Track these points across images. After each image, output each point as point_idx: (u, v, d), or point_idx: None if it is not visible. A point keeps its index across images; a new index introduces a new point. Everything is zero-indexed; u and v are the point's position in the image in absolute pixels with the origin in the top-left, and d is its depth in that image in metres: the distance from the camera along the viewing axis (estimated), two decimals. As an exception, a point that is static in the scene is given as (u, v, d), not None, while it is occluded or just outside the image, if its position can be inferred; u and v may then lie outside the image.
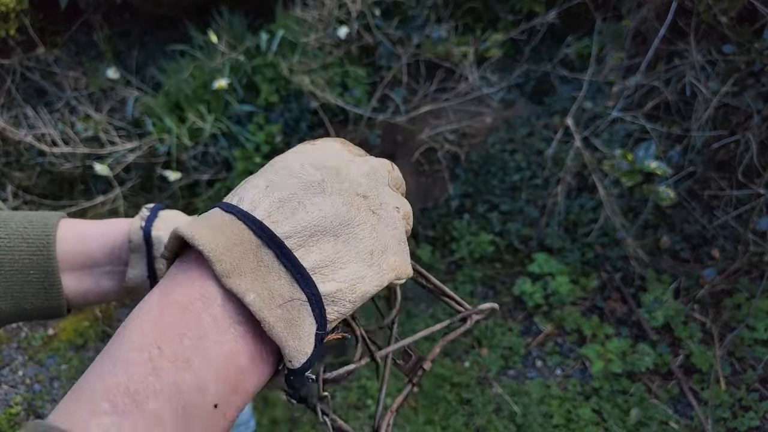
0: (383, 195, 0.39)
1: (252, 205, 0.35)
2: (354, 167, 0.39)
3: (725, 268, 1.88)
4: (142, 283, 0.49)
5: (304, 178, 0.36)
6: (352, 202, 0.36)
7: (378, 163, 0.41)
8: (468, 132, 2.43)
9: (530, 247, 2.14)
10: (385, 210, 0.38)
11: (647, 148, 1.80)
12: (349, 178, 0.38)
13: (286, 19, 2.46)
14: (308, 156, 0.38)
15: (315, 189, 0.36)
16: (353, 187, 0.37)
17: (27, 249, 0.46)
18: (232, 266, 0.32)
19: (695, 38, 1.93)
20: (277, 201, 0.35)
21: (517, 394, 1.78)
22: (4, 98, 2.54)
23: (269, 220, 0.34)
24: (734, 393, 1.74)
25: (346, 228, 0.36)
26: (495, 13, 2.56)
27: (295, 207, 0.35)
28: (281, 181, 0.36)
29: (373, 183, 0.39)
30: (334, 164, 0.38)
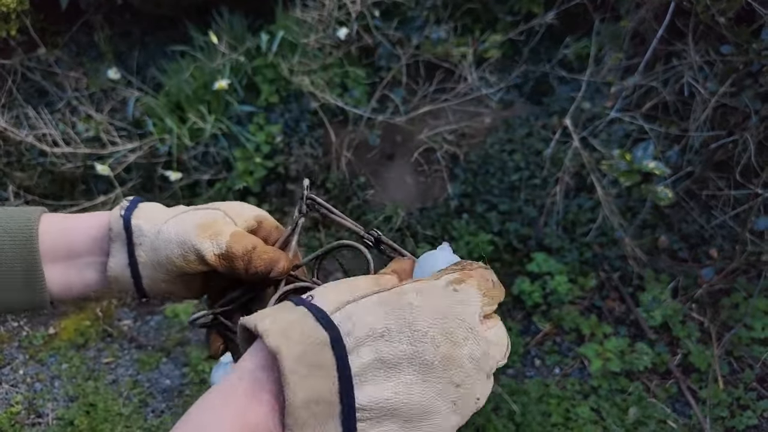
0: (475, 386, 0.37)
1: (356, 348, 0.35)
2: (470, 348, 0.37)
3: (723, 267, 1.89)
4: (123, 271, 0.48)
5: (419, 350, 0.35)
6: (443, 393, 0.36)
7: (495, 347, 0.39)
8: (467, 132, 2.44)
9: (529, 247, 2.15)
10: (465, 401, 0.37)
11: (645, 148, 1.80)
12: (458, 363, 0.36)
13: (286, 20, 2.47)
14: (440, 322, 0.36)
15: (421, 368, 0.35)
16: (454, 376, 0.36)
17: (10, 243, 0.46)
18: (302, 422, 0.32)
19: (693, 39, 1.94)
20: (379, 361, 0.34)
21: (516, 393, 1.79)
22: (5, 98, 2.55)
23: (359, 379, 0.34)
24: (732, 392, 1.75)
25: (420, 417, 0.35)
26: (494, 14, 2.57)
27: (390, 376, 0.34)
28: (397, 338, 0.35)
29: (475, 372, 0.37)
30: (455, 338, 0.36)
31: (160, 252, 0.47)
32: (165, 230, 0.48)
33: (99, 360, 1.97)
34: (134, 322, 2.10)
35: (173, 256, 0.47)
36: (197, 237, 0.47)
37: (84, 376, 1.91)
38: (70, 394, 1.86)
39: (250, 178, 2.28)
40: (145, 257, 0.48)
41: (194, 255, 0.46)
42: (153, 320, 2.10)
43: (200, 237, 0.47)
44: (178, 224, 0.48)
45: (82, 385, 1.88)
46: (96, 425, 1.75)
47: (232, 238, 0.47)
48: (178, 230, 0.47)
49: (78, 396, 1.85)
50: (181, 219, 0.48)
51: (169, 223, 0.48)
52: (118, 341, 2.03)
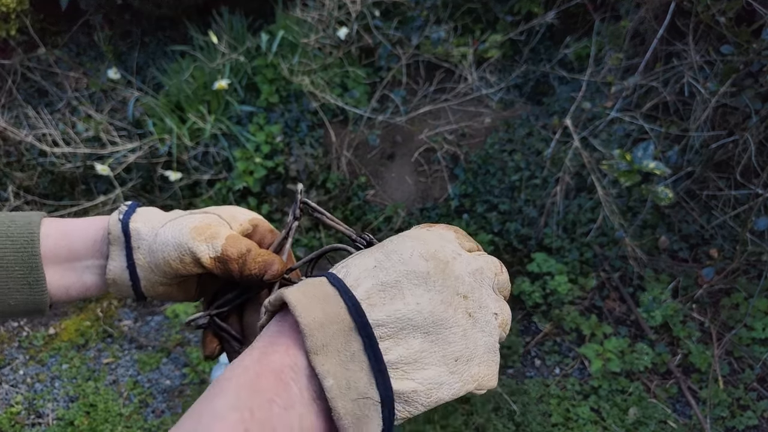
0: (484, 297, 0.39)
1: (356, 281, 0.37)
2: (462, 263, 0.39)
3: (723, 267, 1.89)
4: (122, 274, 0.49)
5: (411, 266, 0.37)
6: (451, 301, 0.37)
7: (486, 263, 0.41)
8: (467, 132, 2.44)
9: (529, 247, 2.15)
10: (482, 314, 0.38)
11: (646, 148, 1.80)
12: (455, 274, 0.38)
13: (286, 20, 2.47)
14: (420, 244, 0.39)
15: (419, 280, 0.37)
16: (456, 285, 0.38)
17: (11, 246, 0.47)
18: (321, 343, 0.34)
19: (694, 39, 1.94)
20: (379, 284, 0.36)
21: (516, 393, 1.79)
22: (5, 99, 2.55)
23: (367, 302, 0.36)
24: (732, 392, 1.75)
25: (438, 327, 0.36)
26: (494, 14, 2.57)
27: (395, 294, 0.36)
28: (389, 263, 0.38)
29: (477, 284, 0.39)
30: (443, 257, 0.39)
31: (157, 255, 0.48)
32: (162, 234, 0.49)
33: (99, 360, 1.97)
34: (134, 322, 2.10)
35: (170, 259, 0.48)
36: (193, 240, 0.47)
37: (84, 376, 1.91)
38: (71, 394, 1.86)
39: (250, 178, 2.28)
40: (143, 260, 0.49)
41: (190, 257, 0.47)
42: (153, 321, 2.10)
43: (196, 240, 0.48)
44: (175, 228, 0.49)
45: (83, 386, 1.88)
46: (96, 425, 1.75)
47: (228, 241, 0.48)
48: (174, 233, 0.48)
49: (78, 396, 1.85)
50: (178, 223, 0.49)
51: (166, 227, 0.49)
52: (119, 342, 2.03)
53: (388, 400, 0.34)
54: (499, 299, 0.41)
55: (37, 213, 0.50)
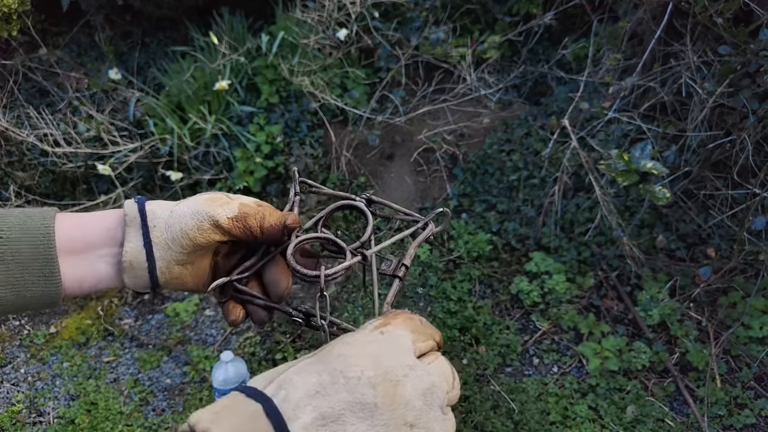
0: (431, 422, 0.37)
1: (295, 411, 0.34)
2: (413, 382, 0.37)
3: (721, 267, 1.90)
4: (138, 254, 0.49)
5: (357, 396, 0.35)
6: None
7: (439, 378, 0.39)
8: (466, 132, 2.45)
9: (527, 246, 2.16)
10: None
11: (643, 148, 1.81)
12: (405, 400, 0.36)
13: (286, 20, 2.49)
14: (370, 363, 0.37)
15: (364, 413, 0.35)
16: (404, 414, 0.36)
17: (27, 239, 0.47)
18: None
19: (691, 39, 1.95)
20: (320, 417, 0.34)
21: (515, 391, 1.80)
22: (6, 99, 2.56)
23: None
24: (730, 391, 1.75)
25: None
26: (492, 15, 2.59)
27: (336, 430, 0.34)
28: (333, 390, 0.35)
29: (427, 407, 0.37)
30: (393, 377, 0.36)
31: (174, 228, 0.49)
32: (177, 209, 0.50)
33: (100, 359, 1.98)
34: (135, 320, 2.11)
35: (187, 228, 0.49)
36: (209, 206, 0.49)
37: (85, 374, 1.92)
38: (71, 392, 1.87)
39: (251, 178, 2.29)
40: (159, 237, 0.50)
41: (209, 222, 0.49)
42: (154, 319, 2.11)
43: (212, 206, 0.49)
44: (189, 202, 0.51)
45: (83, 384, 1.89)
46: (97, 424, 1.76)
47: (241, 204, 0.50)
48: (190, 205, 0.50)
49: (79, 394, 1.86)
50: (192, 199, 0.51)
51: (180, 204, 0.51)
52: (119, 340, 2.04)
53: None
54: (446, 419, 0.39)
55: (51, 208, 0.51)
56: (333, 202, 0.56)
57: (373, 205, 0.55)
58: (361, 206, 0.54)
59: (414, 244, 0.53)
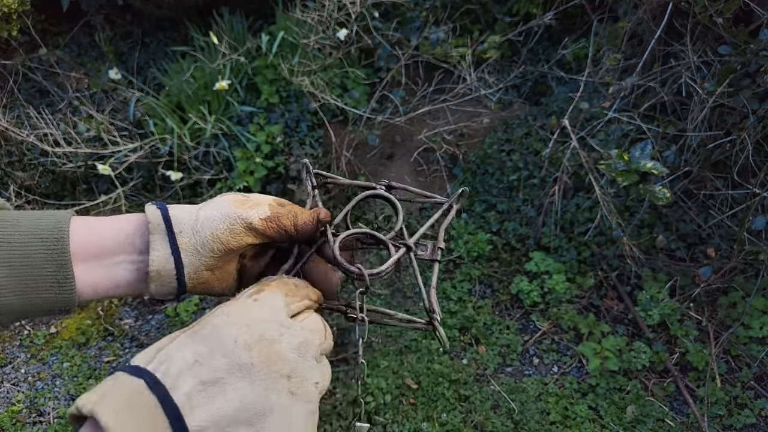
0: (306, 370, 0.40)
1: (175, 381, 0.36)
2: (287, 340, 0.40)
3: (721, 267, 1.90)
4: (166, 263, 0.48)
5: (234, 359, 0.37)
6: (274, 387, 0.38)
7: (311, 333, 0.42)
8: (466, 132, 2.45)
9: (527, 246, 2.16)
10: (304, 387, 0.40)
11: (643, 148, 1.81)
12: (280, 356, 0.39)
13: (286, 20, 2.48)
14: (244, 329, 0.39)
15: (242, 372, 0.37)
16: (280, 368, 0.39)
17: (40, 244, 0.45)
18: None
19: (691, 39, 1.95)
20: (200, 383, 0.36)
21: (515, 391, 1.80)
22: (6, 99, 2.56)
23: (188, 406, 0.35)
24: (730, 391, 1.75)
25: (261, 417, 0.37)
26: (492, 15, 2.59)
27: (216, 392, 0.36)
28: (210, 357, 0.37)
29: (301, 358, 0.40)
30: (268, 337, 0.39)
31: (204, 232, 0.48)
32: (203, 213, 0.49)
33: (100, 359, 1.98)
34: (135, 321, 2.11)
35: (219, 232, 0.48)
36: (240, 208, 0.49)
37: (85, 374, 1.92)
38: (72, 392, 1.87)
39: (251, 178, 2.29)
40: (187, 243, 0.48)
41: (241, 225, 0.48)
42: (154, 319, 2.11)
43: (242, 208, 0.49)
44: (215, 205, 0.50)
45: (84, 384, 1.89)
46: (97, 423, 1.76)
47: (270, 205, 0.50)
48: (218, 208, 0.49)
49: (79, 394, 1.86)
50: (216, 201, 0.50)
51: (204, 208, 0.50)
52: (120, 340, 2.04)
53: None
54: (321, 366, 0.42)
55: (66, 211, 0.49)
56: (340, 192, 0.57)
57: (392, 191, 0.56)
58: (387, 195, 0.54)
59: (442, 226, 0.54)
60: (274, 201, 0.52)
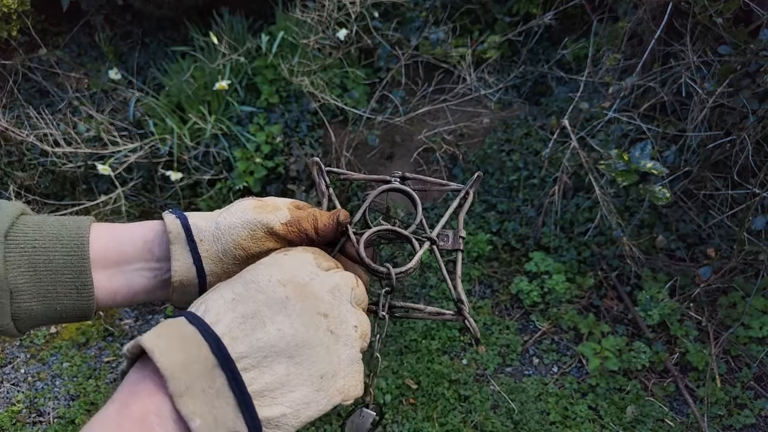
0: (344, 313, 0.41)
1: (216, 317, 0.38)
2: (319, 283, 0.41)
3: (721, 267, 1.90)
4: (188, 271, 0.48)
5: (270, 294, 0.39)
6: (311, 322, 0.39)
7: (342, 280, 0.43)
8: (466, 132, 2.45)
9: (527, 246, 2.16)
10: (343, 329, 0.40)
11: (643, 148, 1.81)
12: (313, 294, 0.40)
13: (286, 20, 2.48)
14: (277, 270, 0.40)
15: (278, 306, 0.38)
16: (315, 305, 0.39)
17: (61, 249, 0.46)
18: (185, 385, 0.33)
19: (691, 39, 1.95)
20: (239, 316, 0.37)
21: (515, 391, 1.80)
22: (6, 99, 2.56)
23: (229, 336, 0.36)
24: (730, 391, 1.75)
25: (301, 350, 0.38)
26: (492, 15, 2.59)
27: (256, 324, 0.37)
28: (247, 295, 0.39)
29: (336, 300, 0.41)
30: (300, 279, 0.40)
31: (225, 239, 0.48)
32: (223, 220, 0.49)
33: (100, 359, 1.98)
34: (135, 321, 2.11)
35: (240, 239, 0.48)
36: (260, 214, 0.49)
37: (85, 374, 1.92)
38: (71, 392, 1.87)
39: (251, 178, 2.29)
40: (208, 251, 0.48)
41: (263, 230, 0.48)
42: (154, 319, 2.11)
43: (262, 213, 0.49)
44: (235, 211, 0.50)
45: (83, 384, 1.89)
46: (97, 423, 1.76)
47: (290, 209, 0.50)
48: (237, 215, 0.49)
49: (79, 395, 1.86)
50: (234, 207, 0.50)
51: (223, 215, 0.50)
52: (120, 340, 2.04)
53: (256, 430, 0.35)
54: (358, 312, 0.43)
55: (87, 217, 0.49)
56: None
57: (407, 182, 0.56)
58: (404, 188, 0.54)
59: (461, 214, 0.55)
60: (292, 204, 0.52)
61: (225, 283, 0.41)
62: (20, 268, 0.44)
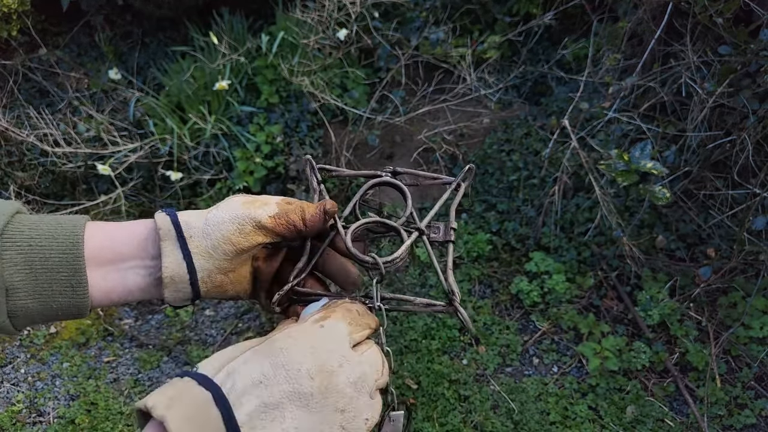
0: (359, 408, 0.42)
1: (239, 399, 0.38)
2: (346, 372, 0.41)
3: (721, 267, 1.90)
4: (179, 268, 0.48)
5: (296, 387, 0.39)
6: (327, 420, 0.39)
7: (370, 368, 0.43)
8: (466, 132, 2.45)
9: (527, 246, 2.16)
10: (355, 423, 0.41)
11: (643, 148, 1.81)
12: (337, 389, 0.40)
13: (286, 20, 2.48)
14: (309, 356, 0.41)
15: (301, 401, 0.39)
16: (336, 401, 0.40)
17: (57, 248, 0.46)
18: None
19: (691, 39, 1.94)
20: (262, 404, 0.38)
21: (515, 391, 1.80)
22: (6, 99, 2.56)
23: (249, 426, 0.37)
24: (730, 391, 1.75)
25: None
26: (492, 15, 2.59)
27: (276, 416, 0.38)
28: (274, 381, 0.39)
29: (357, 394, 0.42)
30: (329, 368, 0.41)
31: (214, 235, 0.49)
32: (212, 216, 0.50)
33: (100, 359, 1.98)
34: (135, 321, 2.11)
35: (229, 233, 0.48)
36: (248, 209, 0.49)
37: (85, 374, 1.92)
38: (71, 392, 1.87)
39: (251, 178, 2.29)
40: (199, 247, 0.49)
41: (251, 225, 0.49)
42: (154, 319, 2.11)
43: (251, 208, 0.49)
44: (224, 207, 0.50)
45: (83, 384, 1.89)
46: (97, 424, 1.76)
47: (278, 203, 0.51)
48: (227, 210, 0.50)
49: (79, 395, 1.86)
50: (224, 203, 0.51)
51: (213, 211, 0.50)
52: (119, 340, 2.04)
53: None
54: (374, 402, 0.43)
55: (82, 216, 0.50)
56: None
57: (398, 176, 0.56)
58: (394, 182, 0.54)
59: (453, 206, 0.55)
60: (282, 200, 0.52)
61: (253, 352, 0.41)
62: (16, 266, 0.45)
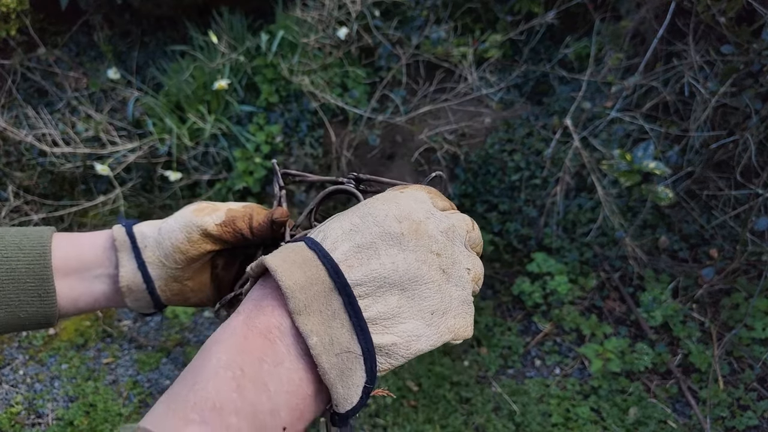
0: (457, 254, 0.41)
1: (333, 245, 0.38)
2: (434, 222, 0.41)
3: (724, 267, 1.89)
4: (134, 276, 0.50)
5: (386, 228, 0.39)
6: (425, 259, 0.39)
7: (458, 221, 0.43)
8: (467, 132, 2.44)
9: (529, 247, 2.15)
10: (455, 269, 0.40)
11: (646, 148, 1.80)
12: (428, 233, 0.40)
13: (286, 19, 2.47)
14: (394, 206, 0.41)
15: (393, 240, 0.38)
16: (429, 244, 0.39)
17: (24, 259, 0.47)
18: (303, 305, 0.35)
19: (694, 39, 1.93)
20: (356, 246, 0.38)
21: (516, 393, 1.79)
22: (4, 98, 2.55)
23: (345, 264, 0.37)
24: (732, 392, 1.74)
25: (414, 284, 0.38)
26: (494, 14, 2.57)
27: (371, 255, 0.38)
28: (364, 226, 0.39)
29: (449, 241, 0.41)
30: (416, 217, 0.40)
31: (165, 244, 0.50)
32: (165, 225, 0.51)
33: (99, 360, 1.97)
34: (134, 322, 2.10)
35: (178, 242, 0.49)
36: (196, 216, 0.50)
37: (84, 376, 1.91)
38: (70, 394, 1.86)
39: (250, 178, 2.28)
40: (152, 256, 0.50)
41: (198, 232, 0.49)
42: (152, 321, 2.10)
43: (199, 216, 0.50)
44: (177, 216, 0.52)
45: (82, 386, 1.88)
46: (96, 425, 1.75)
47: (228, 210, 0.51)
48: (177, 219, 0.51)
49: (78, 396, 1.85)
50: (179, 212, 0.52)
51: (167, 220, 0.52)
52: (118, 341, 2.03)
53: (370, 354, 0.36)
54: (471, 255, 0.42)
55: (48, 228, 0.51)
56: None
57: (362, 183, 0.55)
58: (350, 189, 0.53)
59: None
60: (235, 206, 0.53)
61: (342, 213, 0.42)
62: None
